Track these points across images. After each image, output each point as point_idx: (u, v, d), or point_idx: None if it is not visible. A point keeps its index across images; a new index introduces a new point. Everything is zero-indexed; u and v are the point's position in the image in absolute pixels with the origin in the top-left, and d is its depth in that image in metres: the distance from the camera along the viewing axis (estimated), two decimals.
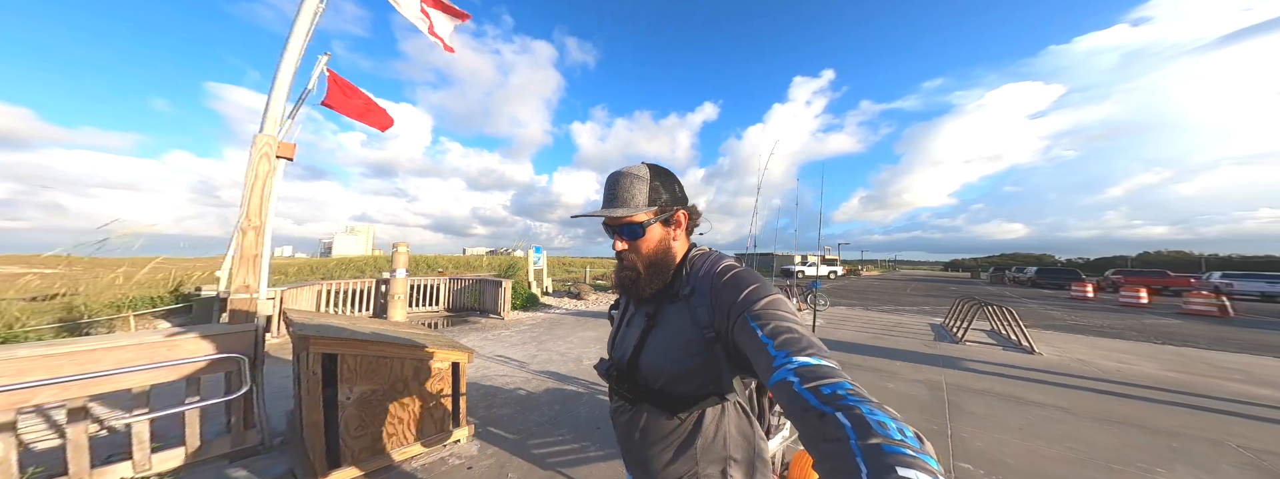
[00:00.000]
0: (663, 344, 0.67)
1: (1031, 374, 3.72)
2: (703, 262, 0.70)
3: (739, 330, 0.55)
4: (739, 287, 0.60)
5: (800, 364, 0.43)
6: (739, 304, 0.57)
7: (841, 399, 0.36)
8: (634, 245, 0.69)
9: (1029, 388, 3.31)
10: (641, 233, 0.68)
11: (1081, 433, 2.45)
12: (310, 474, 1.57)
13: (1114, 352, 4.85)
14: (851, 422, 0.33)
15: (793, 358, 0.44)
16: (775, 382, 0.43)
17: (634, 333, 0.72)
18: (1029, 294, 16.03)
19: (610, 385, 0.75)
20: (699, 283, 0.66)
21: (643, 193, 0.68)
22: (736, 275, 0.63)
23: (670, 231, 0.71)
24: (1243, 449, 2.27)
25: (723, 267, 0.66)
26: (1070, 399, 3.07)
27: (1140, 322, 8.11)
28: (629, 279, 0.70)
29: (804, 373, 0.41)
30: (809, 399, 0.38)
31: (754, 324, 0.53)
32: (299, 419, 1.81)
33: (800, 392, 0.39)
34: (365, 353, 1.60)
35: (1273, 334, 6.80)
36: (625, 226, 0.68)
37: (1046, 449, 2.22)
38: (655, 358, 0.67)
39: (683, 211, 0.72)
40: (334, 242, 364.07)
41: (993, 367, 3.94)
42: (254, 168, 1.94)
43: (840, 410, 0.35)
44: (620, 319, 0.81)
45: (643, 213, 0.67)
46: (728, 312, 0.59)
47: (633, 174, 0.69)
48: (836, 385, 0.38)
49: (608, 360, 0.77)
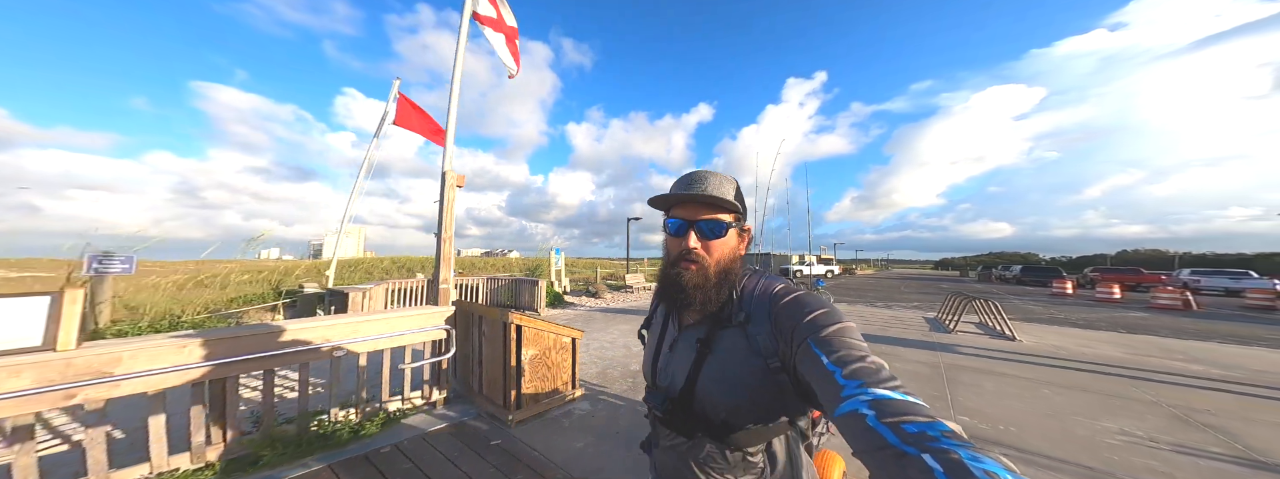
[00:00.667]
0: (721, 374, 0.60)
1: (1011, 356, 4.42)
2: (754, 283, 0.65)
3: (802, 357, 0.51)
4: (803, 310, 0.55)
5: (877, 397, 0.39)
6: (803, 328, 0.53)
7: (933, 441, 0.32)
8: (709, 246, 0.62)
9: (1008, 366, 4.00)
10: (723, 232, 0.62)
11: (1045, 395, 3.13)
12: (504, 410, 2.22)
13: (1082, 339, 5.60)
14: (944, 466, 0.29)
15: (868, 389, 0.40)
16: (843, 413, 0.39)
17: (682, 360, 0.65)
18: (1014, 291, 17.06)
19: (660, 417, 0.67)
20: (754, 307, 0.61)
21: (731, 193, 0.63)
22: (798, 298, 0.58)
23: (740, 244, 0.67)
24: (1170, 406, 2.95)
25: (779, 289, 0.62)
26: (1041, 374, 3.75)
27: (1111, 315, 8.96)
28: (696, 282, 0.62)
29: (881, 407, 0.37)
30: (887, 436, 0.34)
31: (819, 351, 0.48)
32: (480, 374, 2.45)
33: (876, 427, 0.35)
34: (533, 326, 2.25)
35: (1225, 324, 7.66)
36: (707, 222, 0.62)
37: (1017, 405, 2.89)
38: (715, 390, 0.60)
39: (750, 228, 0.70)
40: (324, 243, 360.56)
41: (980, 350, 4.64)
42: (445, 196, 2.64)
43: (929, 453, 0.31)
44: (658, 343, 0.73)
45: (729, 213, 0.64)
46: (790, 337, 0.54)
47: (722, 175, 0.66)
48: (928, 425, 0.34)
49: (656, 390, 0.70)
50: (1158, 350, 4.90)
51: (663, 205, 0.66)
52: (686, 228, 0.62)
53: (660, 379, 0.70)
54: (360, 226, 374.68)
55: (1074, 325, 7.00)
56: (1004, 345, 4.97)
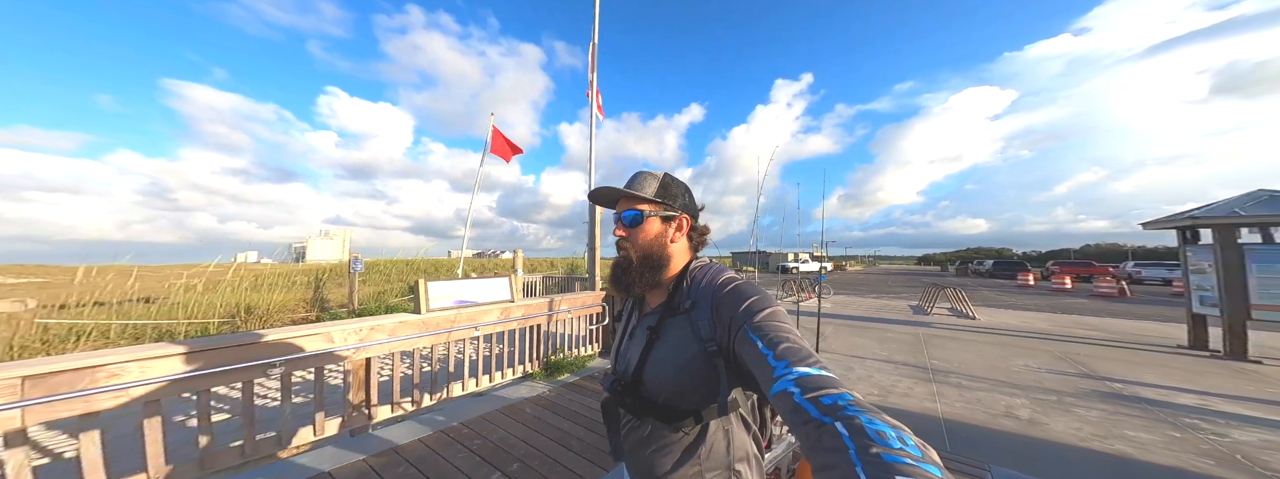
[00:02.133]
0: (666, 358, 0.66)
1: (969, 329, 6.06)
2: (703, 274, 0.70)
3: (740, 342, 0.55)
4: (740, 298, 0.60)
5: (800, 374, 0.43)
6: (740, 316, 0.57)
7: (842, 409, 0.36)
8: (631, 234, 0.71)
9: (966, 334, 5.61)
10: (640, 221, 0.70)
11: (984, 349, 4.72)
12: None
13: (1024, 317, 7.34)
14: (850, 431, 0.33)
15: (793, 368, 0.44)
16: (776, 392, 0.43)
17: (637, 346, 0.71)
18: (986, 283, 19.27)
19: (614, 398, 0.73)
20: (700, 295, 0.66)
21: (651, 187, 0.71)
22: (737, 287, 0.63)
23: (668, 230, 0.72)
24: (1058, 354, 4.56)
25: (724, 279, 0.67)
26: (986, 338, 5.37)
27: (1058, 301, 10.84)
28: (621, 266, 0.71)
29: (804, 383, 0.41)
30: (809, 410, 0.38)
31: (754, 336, 0.52)
32: None
33: (801, 402, 0.39)
34: None
35: (1141, 307, 9.58)
36: (627, 212, 0.71)
37: (966, 354, 4.46)
38: (658, 372, 0.66)
39: (686, 217, 0.74)
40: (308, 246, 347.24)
41: (947, 326, 6.28)
42: (593, 214, 4.11)
43: (840, 420, 0.35)
44: (623, 332, 0.80)
45: (647, 203, 0.71)
46: (728, 324, 0.59)
47: (649, 172, 0.74)
48: (838, 396, 0.38)
49: (611, 375, 0.76)
50: (1078, 325, 6.62)
51: (600, 202, 0.79)
52: (615, 219, 0.74)
53: (619, 364, 0.76)
54: (345, 229, 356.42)
55: (1023, 309, 8.79)
56: (966, 322, 6.63)
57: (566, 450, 2.05)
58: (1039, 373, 3.79)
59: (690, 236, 0.75)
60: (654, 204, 0.72)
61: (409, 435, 2.17)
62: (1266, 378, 3.62)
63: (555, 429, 2.30)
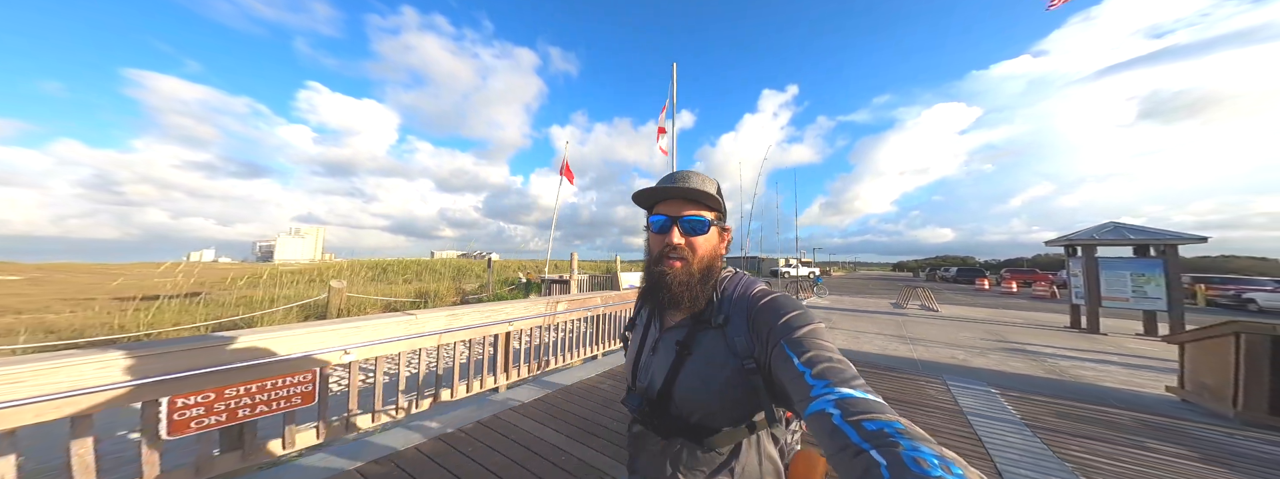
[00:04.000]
0: (699, 375, 0.60)
1: (933, 317, 8.37)
2: (734, 286, 0.65)
3: (776, 357, 0.51)
4: (778, 312, 0.56)
5: (843, 396, 0.39)
6: (777, 330, 0.53)
7: (884, 436, 0.33)
8: (692, 243, 0.62)
9: (932, 320, 7.89)
10: (705, 229, 0.63)
11: (942, 327, 6.97)
12: None
13: (972, 310, 9.80)
14: (888, 460, 0.30)
15: (834, 389, 0.41)
16: (812, 412, 0.39)
17: (662, 361, 0.65)
18: (950, 287, 22.39)
19: (638, 417, 0.67)
20: (733, 309, 0.61)
21: (712, 189, 0.64)
22: (774, 300, 0.58)
23: (721, 243, 0.67)
24: (994, 332, 6.80)
25: (757, 291, 0.62)
26: (943, 321, 7.65)
27: (1002, 300, 13.52)
28: (680, 280, 0.61)
29: (846, 406, 0.38)
30: (849, 434, 0.34)
31: (791, 352, 0.49)
32: None
33: (840, 425, 0.36)
34: None
35: (1063, 304, 12.31)
36: (692, 218, 0.62)
37: (930, 330, 6.68)
38: (692, 391, 0.60)
39: (730, 229, 0.70)
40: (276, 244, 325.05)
41: (919, 315, 8.58)
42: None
43: (878, 448, 0.32)
44: (640, 344, 0.72)
45: (711, 211, 0.64)
46: (765, 339, 0.55)
47: (704, 175, 0.66)
48: (885, 423, 0.34)
49: (634, 392, 0.69)
50: (1010, 314, 9.04)
51: (646, 201, 0.67)
52: (670, 224, 0.63)
53: (640, 380, 0.69)
54: (318, 227, 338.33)
55: (973, 305, 11.32)
56: (931, 313, 8.98)
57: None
58: (972, 339, 5.97)
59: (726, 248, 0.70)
60: (717, 212, 0.65)
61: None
62: (1099, 341, 5.93)
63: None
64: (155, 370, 1.37)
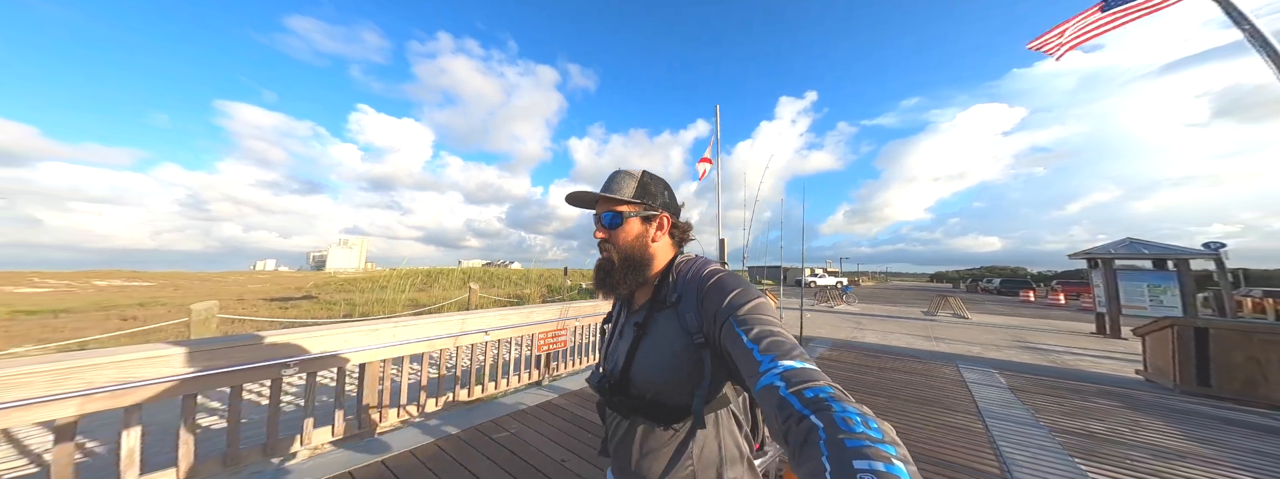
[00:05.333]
0: (653, 353, 0.66)
1: (962, 323, 9.05)
2: (689, 267, 0.70)
3: (725, 335, 0.55)
4: (724, 291, 0.60)
5: (785, 368, 0.43)
6: (724, 308, 0.57)
7: (821, 401, 0.37)
8: (612, 235, 0.71)
9: (959, 325, 8.62)
10: (620, 222, 0.70)
11: (971, 331, 7.76)
12: None
13: (1005, 318, 10.32)
14: (824, 422, 0.35)
15: (778, 362, 0.44)
16: (763, 386, 0.43)
17: (624, 343, 0.71)
18: (992, 298, 21.97)
19: (602, 398, 0.72)
20: (686, 288, 0.66)
21: (629, 187, 0.71)
22: (721, 279, 0.63)
23: (649, 230, 0.72)
24: (1018, 336, 7.53)
25: (708, 271, 0.67)
26: (972, 327, 8.37)
27: (1042, 311, 13.63)
28: (603, 268, 0.71)
29: (789, 377, 0.42)
30: (793, 403, 0.39)
31: (739, 329, 0.52)
32: None
33: (786, 395, 0.40)
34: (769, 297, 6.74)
35: None
36: (606, 214, 0.71)
37: (955, 332, 7.52)
38: (646, 368, 0.66)
39: (666, 216, 0.73)
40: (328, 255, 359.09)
41: (947, 320, 9.30)
42: (724, 250, 7.28)
43: (816, 412, 0.36)
44: (612, 332, 0.79)
45: (626, 204, 0.70)
46: (714, 316, 0.58)
47: (626, 171, 0.73)
48: (820, 389, 0.39)
49: (599, 373, 0.75)
50: (1043, 324, 9.53)
51: (578, 204, 0.78)
52: (596, 220, 0.73)
53: (607, 363, 0.75)
54: (362, 238, 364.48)
55: (1006, 315, 11.70)
56: (961, 320, 9.65)
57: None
58: (994, 340, 6.80)
59: (672, 234, 0.75)
60: (633, 205, 0.71)
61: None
62: (1114, 344, 6.58)
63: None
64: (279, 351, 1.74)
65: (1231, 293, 5.50)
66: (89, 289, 22.10)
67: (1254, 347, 3.31)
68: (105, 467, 1.91)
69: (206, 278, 37.99)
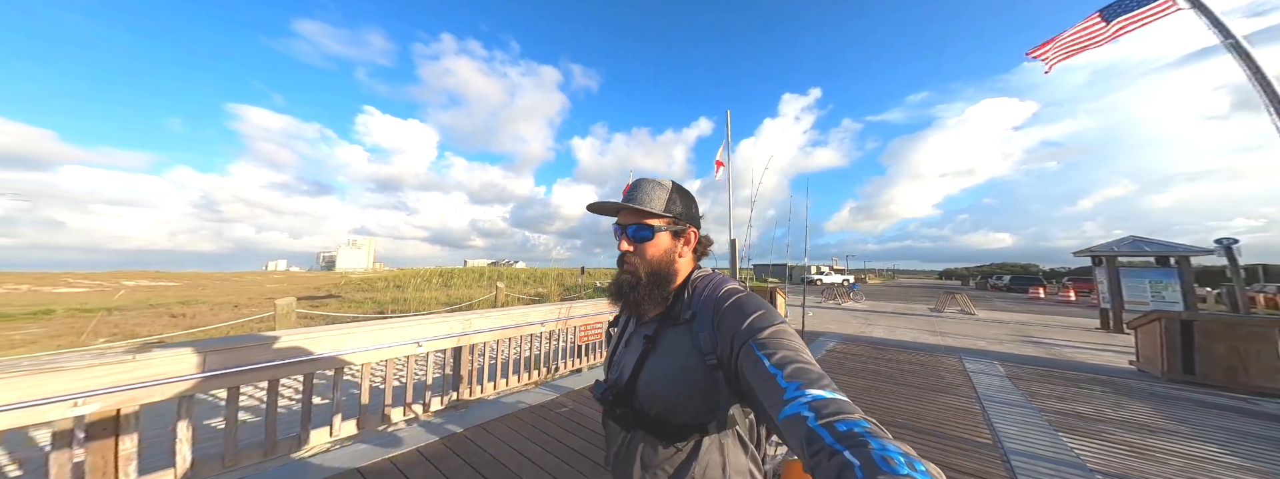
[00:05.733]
0: (661, 369, 0.64)
1: (968, 319, 9.31)
2: (705, 285, 0.69)
3: (744, 358, 0.53)
4: (743, 313, 0.58)
5: (814, 398, 0.41)
6: (743, 331, 0.55)
7: (856, 437, 0.35)
8: (639, 249, 0.68)
9: (965, 321, 8.89)
10: (650, 236, 0.67)
11: (975, 326, 8.04)
12: None
13: (1010, 314, 10.52)
14: (861, 460, 0.32)
15: (805, 391, 0.42)
16: (787, 415, 0.41)
17: (632, 355, 0.69)
18: (1001, 295, 22.00)
19: (604, 409, 0.71)
20: (701, 307, 0.65)
21: (661, 198, 0.69)
22: (739, 300, 0.61)
23: (677, 245, 0.71)
24: (1022, 331, 7.78)
25: (726, 290, 0.65)
26: (976, 321, 8.64)
27: (1051, 307, 13.75)
28: (628, 284, 0.68)
29: (819, 407, 0.39)
30: (824, 436, 0.36)
31: (760, 353, 0.50)
32: None
33: (815, 427, 0.37)
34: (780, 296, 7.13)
35: None
36: (635, 226, 0.68)
37: (962, 328, 7.80)
38: (653, 383, 0.64)
39: (694, 230, 0.72)
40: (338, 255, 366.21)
41: (953, 316, 9.55)
42: (735, 253, 7.64)
43: (851, 449, 0.34)
44: (618, 339, 0.78)
45: (658, 217, 0.68)
46: (731, 339, 0.57)
47: (656, 181, 0.70)
48: (854, 423, 0.37)
49: (604, 382, 0.74)
50: (1044, 318, 9.74)
51: (600, 212, 0.74)
52: (621, 232, 0.70)
53: (612, 372, 0.74)
54: (370, 239, 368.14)
55: (1013, 311, 11.89)
56: (967, 316, 9.89)
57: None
58: (998, 334, 7.08)
59: (696, 250, 0.74)
60: (664, 218, 0.69)
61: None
62: (1115, 337, 6.82)
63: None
64: None
65: (1244, 288, 5.65)
66: (120, 288, 23.17)
67: (1235, 338, 3.59)
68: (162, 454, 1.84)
69: (226, 278, 39.40)
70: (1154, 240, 7.21)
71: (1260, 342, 3.49)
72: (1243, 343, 3.56)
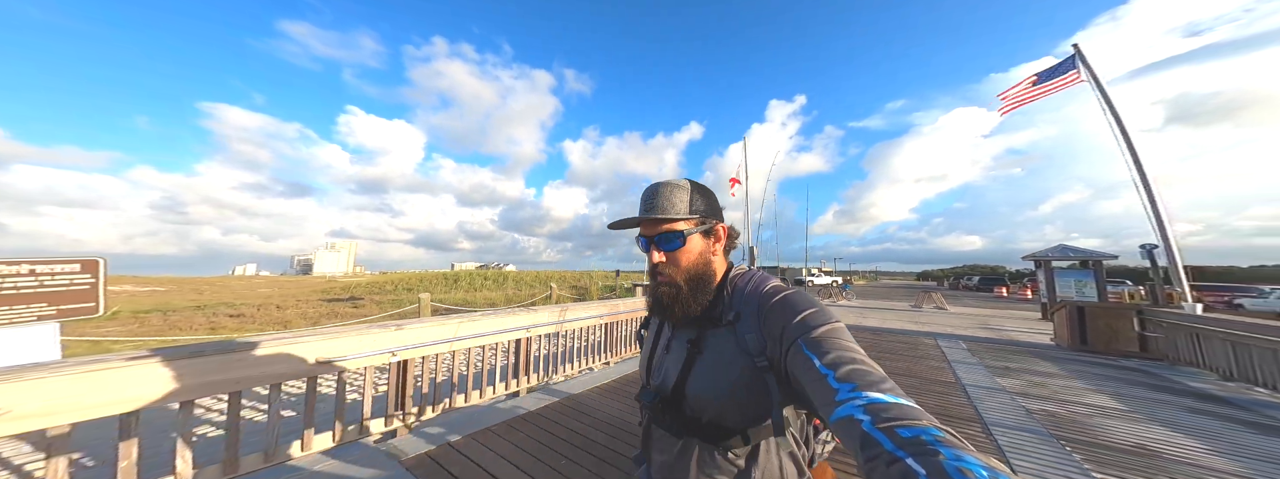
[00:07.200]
0: (710, 373, 0.61)
1: (942, 314, 11.26)
2: (746, 282, 0.66)
3: (793, 358, 0.50)
4: (793, 311, 0.55)
5: (872, 401, 0.38)
6: (793, 329, 0.53)
7: (923, 445, 0.31)
8: (672, 258, 0.65)
9: (939, 314, 10.82)
10: (681, 243, 0.65)
11: (948, 317, 9.95)
12: None
13: (975, 309, 12.59)
14: (928, 469, 0.28)
15: (862, 393, 0.39)
16: (839, 418, 0.38)
17: (675, 359, 0.66)
18: (970, 294, 24.69)
19: (651, 415, 0.69)
20: (743, 306, 0.62)
21: (683, 201, 0.65)
22: (787, 297, 0.58)
23: (710, 245, 0.68)
24: (983, 321, 9.71)
25: (770, 288, 0.63)
26: (948, 313, 10.58)
27: (1009, 304, 16.05)
28: (669, 296, 0.65)
29: (876, 411, 0.36)
30: (883, 442, 0.33)
31: (811, 353, 0.48)
32: None
33: (872, 432, 0.34)
34: None
35: None
36: (663, 236, 0.65)
37: (940, 318, 9.67)
38: (703, 388, 0.61)
39: (723, 225, 0.70)
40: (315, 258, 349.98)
41: (930, 311, 11.51)
42: (753, 252, 9.21)
43: (916, 456, 0.30)
44: (654, 342, 0.75)
45: (683, 221, 0.65)
46: (779, 337, 0.54)
47: (673, 184, 0.67)
48: (921, 430, 0.33)
49: (649, 388, 0.71)
50: (999, 312, 11.80)
51: (623, 228, 0.69)
52: (649, 245, 0.67)
53: (654, 378, 0.71)
54: (351, 241, 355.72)
55: (979, 307, 14.05)
56: (941, 311, 11.88)
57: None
58: (963, 323, 8.93)
59: (726, 244, 0.71)
60: (691, 220, 0.66)
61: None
62: (1049, 325, 8.70)
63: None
64: None
65: (1162, 287, 7.34)
66: (112, 293, 22.95)
67: (1109, 317, 5.39)
68: None
69: (210, 282, 38.43)
70: (1076, 248, 9.25)
71: (1123, 320, 5.29)
72: (1114, 321, 5.35)
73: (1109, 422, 2.99)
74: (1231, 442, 2.66)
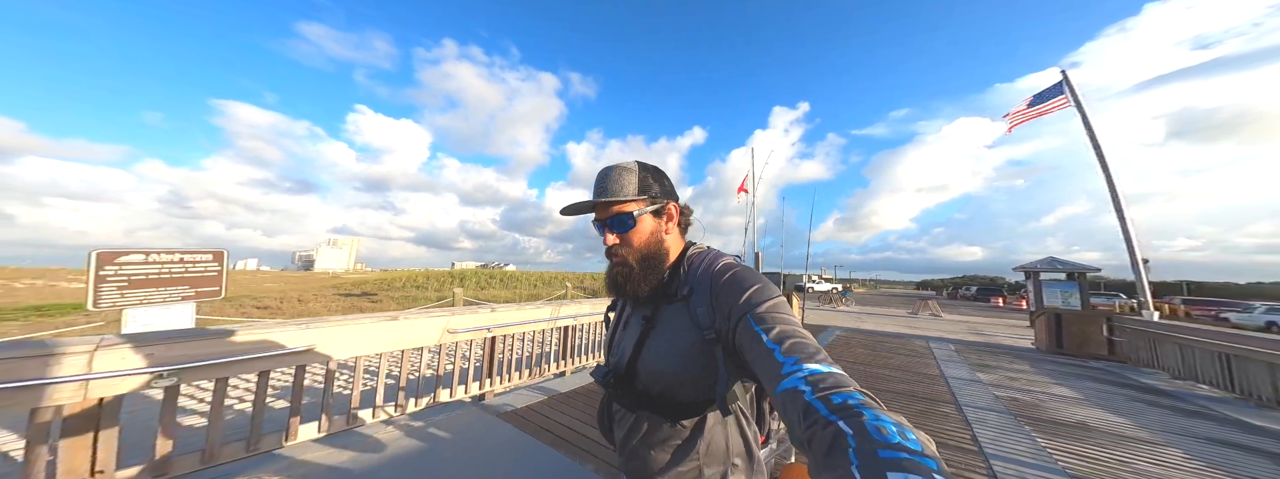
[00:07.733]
0: (662, 347, 0.65)
1: (936, 321, 11.84)
2: (701, 260, 0.69)
3: (741, 333, 0.54)
4: (741, 287, 0.58)
5: (811, 372, 0.42)
6: (741, 305, 0.56)
7: (850, 408, 0.36)
8: (625, 238, 0.68)
9: (933, 320, 11.40)
10: (632, 223, 0.67)
11: (942, 323, 10.54)
12: None
13: (971, 316, 13.19)
14: (854, 429, 0.33)
15: (802, 365, 0.43)
16: (784, 389, 0.42)
17: (631, 336, 0.70)
18: (968, 304, 25.25)
19: (608, 391, 0.71)
20: (697, 282, 0.65)
21: (632, 183, 0.68)
22: (737, 275, 0.61)
23: (662, 224, 0.71)
24: (968, 325, 10.30)
25: (722, 265, 0.65)
26: (942, 320, 11.17)
27: (1003, 313, 16.63)
28: (622, 275, 0.68)
29: (815, 381, 0.40)
30: (820, 409, 0.37)
31: (758, 327, 0.51)
32: None
33: (812, 400, 0.38)
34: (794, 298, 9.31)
35: None
36: (615, 218, 0.67)
37: (933, 324, 10.28)
38: (654, 361, 0.65)
39: (674, 204, 0.72)
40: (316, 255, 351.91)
41: (926, 318, 12.10)
42: (757, 256, 9.84)
43: (845, 419, 0.35)
44: (617, 322, 0.79)
45: (633, 202, 0.67)
46: (728, 313, 0.57)
47: (622, 167, 0.69)
48: (848, 395, 0.38)
49: (604, 365, 0.74)
50: (991, 321, 12.36)
51: (576, 213, 0.71)
52: (602, 227, 0.69)
53: (612, 355, 0.74)
54: (353, 239, 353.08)
55: (975, 315, 14.62)
56: (935, 318, 12.44)
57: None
58: (955, 329, 9.51)
59: (680, 223, 0.73)
60: (640, 201, 0.68)
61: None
62: None
63: None
64: None
65: (1148, 299, 7.96)
66: None
67: (1082, 323, 5.97)
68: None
69: None
70: (1064, 260, 9.83)
71: (1093, 326, 5.88)
72: (1086, 327, 5.94)
73: (1061, 405, 3.59)
74: (1157, 420, 3.25)
